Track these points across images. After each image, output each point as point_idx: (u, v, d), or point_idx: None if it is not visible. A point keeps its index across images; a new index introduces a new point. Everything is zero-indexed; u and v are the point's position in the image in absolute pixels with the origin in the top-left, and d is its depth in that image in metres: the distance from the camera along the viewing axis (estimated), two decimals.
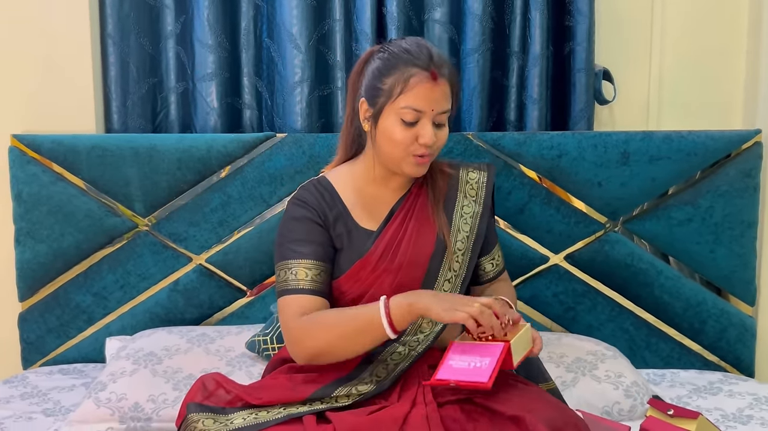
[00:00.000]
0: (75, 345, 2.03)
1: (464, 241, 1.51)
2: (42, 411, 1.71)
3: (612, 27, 2.09)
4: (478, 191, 1.56)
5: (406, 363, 1.41)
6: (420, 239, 1.48)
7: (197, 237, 2.00)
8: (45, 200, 1.97)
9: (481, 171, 1.58)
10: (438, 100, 1.41)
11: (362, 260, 1.45)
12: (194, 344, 1.83)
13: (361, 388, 1.36)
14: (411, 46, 1.43)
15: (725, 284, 2.00)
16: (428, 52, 1.42)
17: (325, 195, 1.49)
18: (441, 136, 1.45)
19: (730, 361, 2.01)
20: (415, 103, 1.40)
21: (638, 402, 1.64)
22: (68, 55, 2.02)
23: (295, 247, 1.44)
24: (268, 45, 2.07)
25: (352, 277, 1.45)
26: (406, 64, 1.41)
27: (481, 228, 1.53)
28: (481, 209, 1.54)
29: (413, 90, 1.40)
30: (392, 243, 1.47)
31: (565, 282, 2.00)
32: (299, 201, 1.49)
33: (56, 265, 1.99)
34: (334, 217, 1.48)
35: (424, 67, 1.40)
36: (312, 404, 1.34)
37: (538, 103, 2.03)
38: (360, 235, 1.48)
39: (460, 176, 1.56)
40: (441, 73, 1.41)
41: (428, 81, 1.40)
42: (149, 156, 1.96)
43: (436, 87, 1.40)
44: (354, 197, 1.50)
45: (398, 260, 1.46)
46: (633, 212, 1.98)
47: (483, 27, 2.01)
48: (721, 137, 1.96)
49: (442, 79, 1.41)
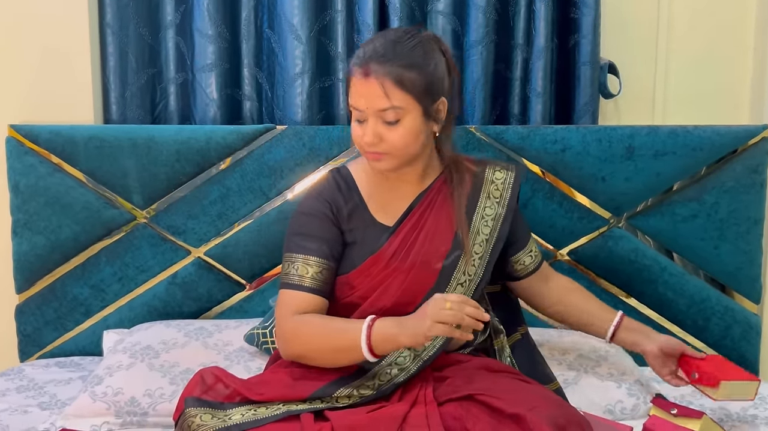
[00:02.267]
0: (72, 337, 2.01)
1: (482, 244, 1.47)
2: (38, 404, 1.70)
3: (618, 19, 2.07)
4: (503, 192, 1.50)
5: (413, 369, 1.38)
6: (436, 238, 1.44)
7: (196, 230, 1.98)
8: (42, 191, 1.95)
9: (508, 171, 1.53)
10: (370, 97, 1.35)
11: (375, 256, 1.42)
12: (192, 338, 1.81)
13: (363, 391, 1.34)
14: (364, 44, 1.40)
15: (730, 281, 1.97)
16: (365, 49, 1.37)
17: (342, 187, 1.47)
18: (390, 135, 1.36)
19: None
20: (352, 101, 1.38)
21: (641, 401, 1.62)
22: (66, 45, 2.00)
23: (301, 241, 1.43)
24: (268, 36, 2.05)
25: (364, 272, 1.42)
26: (351, 61, 1.39)
27: (503, 232, 1.48)
28: (505, 211, 1.49)
29: (351, 89, 1.38)
30: (407, 241, 1.43)
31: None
32: (315, 193, 1.47)
33: (54, 257, 1.97)
34: (350, 210, 1.45)
35: (357, 63, 1.37)
36: (312, 402, 1.33)
37: (542, 96, 2.01)
38: (375, 230, 1.44)
39: (485, 175, 1.51)
40: (369, 69, 1.34)
41: (360, 78, 1.35)
42: (148, 147, 1.94)
43: (366, 83, 1.35)
44: (372, 190, 1.47)
45: (411, 259, 1.42)
46: (637, 207, 1.96)
47: (487, 19, 1.99)
48: (728, 132, 1.93)
49: (373, 76, 1.34)
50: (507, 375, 1.41)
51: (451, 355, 1.46)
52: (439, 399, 1.31)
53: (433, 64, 1.38)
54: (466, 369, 1.41)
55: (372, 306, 1.41)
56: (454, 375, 1.39)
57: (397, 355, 1.39)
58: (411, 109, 1.36)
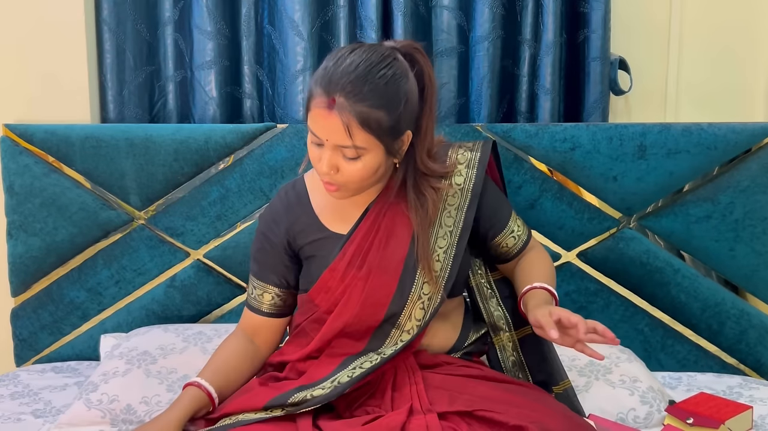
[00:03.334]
0: (69, 342, 1.97)
1: (446, 237, 1.38)
2: (32, 411, 1.65)
3: (629, 14, 2.01)
4: (466, 176, 1.39)
5: (372, 367, 1.32)
6: (393, 239, 1.36)
7: (195, 231, 1.93)
8: (38, 192, 1.90)
9: (472, 152, 1.40)
10: (331, 131, 1.22)
11: (330, 268, 1.36)
12: (190, 343, 1.76)
13: (316, 393, 1.28)
14: (334, 58, 1.25)
15: (745, 283, 1.91)
16: (332, 74, 1.22)
17: (293, 203, 1.42)
18: (347, 168, 1.26)
19: (750, 364, 1.93)
20: (312, 125, 1.26)
21: (654, 409, 1.56)
22: (62, 42, 1.95)
23: (258, 268, 1.46)
24: (269, 32, 2.00)
25: (322, 287, 1.37)
26: (316, 78, 1.25)
27: (468, 220, 1.38)
28: (469, 197, 1.38)
29: (311, 112, 1.25)
30: (362, 247, 1.35)
31: (578, 281, 1.92)
32: (267, 215, 1.45)
33: (49, 259, 1.93)
34: (301, 227, 1.40)
35: (322, 90, 1.23)
36: (271, 411, 1.28)
37: (551, 93, 1.96)
38: (330, 241, 1.38)
39: (448, 160, 1.40)
40: (333, 103, 1.21)
41: (323, 108, 1.22)
42: (145, 147, 1.89)
43: (329, 116, 1.22)
44: (325, 200, 1.41)
45: (367, 266, 1.34)
46: (649, 208, 1.90)
47: (493, 13, 1.94)
48: (743, 130, 1.87)
49: (337, 111, 1.21)
50: (508, 381, 1.36)
51: (439, 356, 1.41)
52: (437, 409, 1.25)
53: (403, 101, 1.26)
54: (460, 376, 1.35)
55: (336, 320, 1.36)
56: (448, 384, 1.32)
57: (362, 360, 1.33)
58: (372, 148, 1.25)
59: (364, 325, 1.36)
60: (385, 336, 1.36)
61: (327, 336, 1.36)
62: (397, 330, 1.36)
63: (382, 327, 1.36)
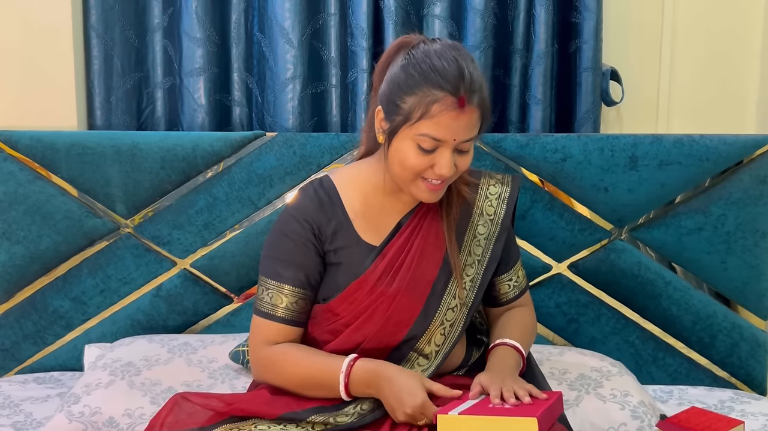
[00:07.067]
0: (52, 352, 1.94)
1: (474, 265, 1.37)
2: (11, 424, 1.62)
3: (620, 24, 2.01)
4: (497, 208, 1.40)
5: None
6: (424, 260, 1.34)
7: (181, 240, 1.91)
8: (22, 199, 1.88)
9: (503, 185, 1.41)
10: (463, 130, 1.23)
11: (359, 280, 1.32)
12: (175, 354, 1.73)
13: (340, 419, 1.26)
14: (441, 63, 1.22)
15: (737, 296, 1.90)
16: (459, 73, 1.21)
17: (324, 202, 1.34)
18: (462, 163, 1.27)
19: (741, 377, 1.92)
20: (435, 132, 1.22)
21: (646, 424, 1.54)
22: (49, 48, 1.93)
23: (276, 266, 1.34)
24: (259, 39, 1.99)
25: (348, 298, 1.33)
26: (430, 85, 1.21)
27: (496, 251, 1.38)
28: (498, 229, 1.39)
29: (435, 118, 1.21)
30: (393, 263, 1.33)
31: (568, 292, 1.91)
32: (295, 211, 1.34)
33: (33, 268, 1.90)
34: (333, 229, 1.33)
35: (451, 92, 1.21)
36: (284, 424, 1.25)
37: (542, 103, 1.95)
38: (361, 250, 1.33)
39: (480, 189, 1.40)
40: (470, 100, 1.22)
41: (454, 109, 1.21)
42: (132, 155, 1.87)
43: (462, 115, 1.22)
44: (359, 205, 1.35)
45: (397, 284, 1.32)
46: (640, 219, 1.89)
47: (485, 23, 1.93)
48: (735, 142, 1.87)
49: (471, 107, 1.22)
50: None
51: (446, 377, 1.39)
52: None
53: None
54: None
55: (356, 333, 1.32)
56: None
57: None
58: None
59: (382, 343, 1.33)
60: (402, 358, 1.34)
61: (342, 348, 1.32)
62: (415, 352, 1.34)
63: (400, 348, 1.34)
